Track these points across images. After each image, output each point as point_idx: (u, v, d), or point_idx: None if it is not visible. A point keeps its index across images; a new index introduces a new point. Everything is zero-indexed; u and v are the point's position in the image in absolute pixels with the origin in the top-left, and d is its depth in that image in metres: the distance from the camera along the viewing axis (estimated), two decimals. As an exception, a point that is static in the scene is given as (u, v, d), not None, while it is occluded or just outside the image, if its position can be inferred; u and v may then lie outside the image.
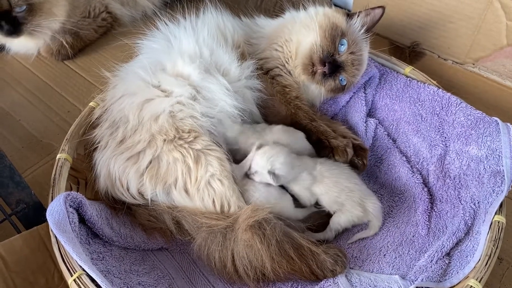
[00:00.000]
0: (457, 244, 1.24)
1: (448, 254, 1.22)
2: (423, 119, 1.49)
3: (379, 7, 1.45)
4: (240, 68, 1.34)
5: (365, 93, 1.58)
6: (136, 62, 1.39)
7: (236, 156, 1.35)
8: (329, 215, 1.34)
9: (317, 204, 1.34)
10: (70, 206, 1.14)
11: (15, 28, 1.74)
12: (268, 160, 1.25)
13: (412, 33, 1.88)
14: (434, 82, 1.52)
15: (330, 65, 1.37)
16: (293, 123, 1.41)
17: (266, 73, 1.45)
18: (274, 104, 1.43)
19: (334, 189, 1.30)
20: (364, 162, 1.41)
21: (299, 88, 1.46)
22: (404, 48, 1.90)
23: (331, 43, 1.37)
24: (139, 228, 1.27)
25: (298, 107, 1.41)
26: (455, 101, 1.43)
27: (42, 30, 1.81)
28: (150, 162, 1.21)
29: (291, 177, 1.29)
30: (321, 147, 1.36)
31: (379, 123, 1.56)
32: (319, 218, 1.35)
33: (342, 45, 1.40)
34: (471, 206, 1.28)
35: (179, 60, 1.29)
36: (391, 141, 1.52)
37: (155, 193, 1.23)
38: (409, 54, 1.88)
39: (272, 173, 1.25)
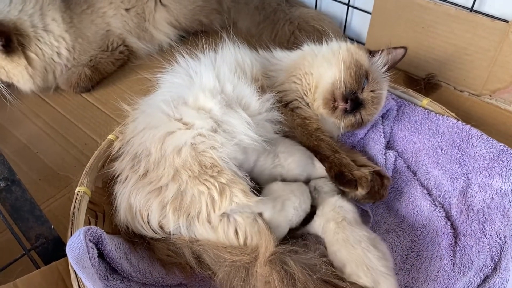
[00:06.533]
0: (484, 280, 1.22)
1: (475, 291, 1.20)
2: (443, 152, 1.48)
3: (401, 47, 1.46)
4: (261, 101, 1.34)
5: (383, 125, 1.57)
6: (158, 95, 1.40)
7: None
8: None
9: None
10: (90, 241, 1.12)
11: None
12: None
13: (428, 65, 1.89)
14: (453, 114, 1.51)
15: (352, 102, 1.37)
16: (315, 154, 1.40)
17: (286, 105, 1.45)
18: (296, 137, 1.43)
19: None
20: (383, 193, 1.39)
21: (318, 120, 1.46)
22: (419, 80, 1.91)
23: (356, 81, 1.37)
24: (157, 263, 1.25)
25: (320, 139, 1.41)
26: (475, 133, 1.42)
27: None
28: (174, 195, 1.20)
29: None
30: (343, 181, 1.34)
31: (398, 155, 1.54)
32: None
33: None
34: (497, 241, 1.25)
35: (200, 95, 1.30)
36: (411, 173, 1.51)
37: (177, 226, 1.21)
38: (425, 86, 1.88)
39: None
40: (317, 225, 1.29)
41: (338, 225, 1.24)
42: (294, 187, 1.32)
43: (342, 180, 1.34)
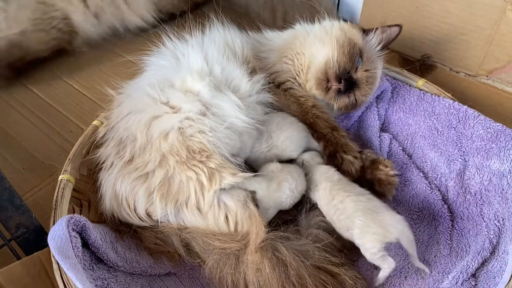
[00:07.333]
0: (482, 264, 1.18)
1: (473, 275, 1.16)
2: (439, 133, 1.44)
3: (396, 25, 1.42)
4: (251, 83, 1.29)
5: (377, 107, 1.53)
6: (143, 79, 1.34)
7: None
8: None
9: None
10: (73, 230, 1.07)
11: None
12: None
13: (423, 46, 1.85)
14: (449, 94, 1.47)
15: (346, 82, 1.32)
16: (312, 133, 1.37)
17: (278, 86, 1.41)
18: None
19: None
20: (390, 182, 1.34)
21: (313, 98, 1.41)
22: (415, 61, 1.86)
23: (349, 60, 1.33)
24: (145, 252, 1.20)
25: (317, 116, 1.36)
26: (472, 114, 1.38)
27: None
28: (161, 181, 1.16)
29: None
30: (334, 163, 1.31)
31: (393, 138, 1.51)
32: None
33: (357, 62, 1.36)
34: (495, 224, 1.22)
35: (188, 77, 1.25)
36: (406, 156, 1.47)
37: (165, 213, 1.16)
38: (420, 67, 1.84)
39: None
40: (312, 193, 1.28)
41: (334, 183, 1.24)
42: (291, 168, 1.29)
43: (332, 160, 1.31)
